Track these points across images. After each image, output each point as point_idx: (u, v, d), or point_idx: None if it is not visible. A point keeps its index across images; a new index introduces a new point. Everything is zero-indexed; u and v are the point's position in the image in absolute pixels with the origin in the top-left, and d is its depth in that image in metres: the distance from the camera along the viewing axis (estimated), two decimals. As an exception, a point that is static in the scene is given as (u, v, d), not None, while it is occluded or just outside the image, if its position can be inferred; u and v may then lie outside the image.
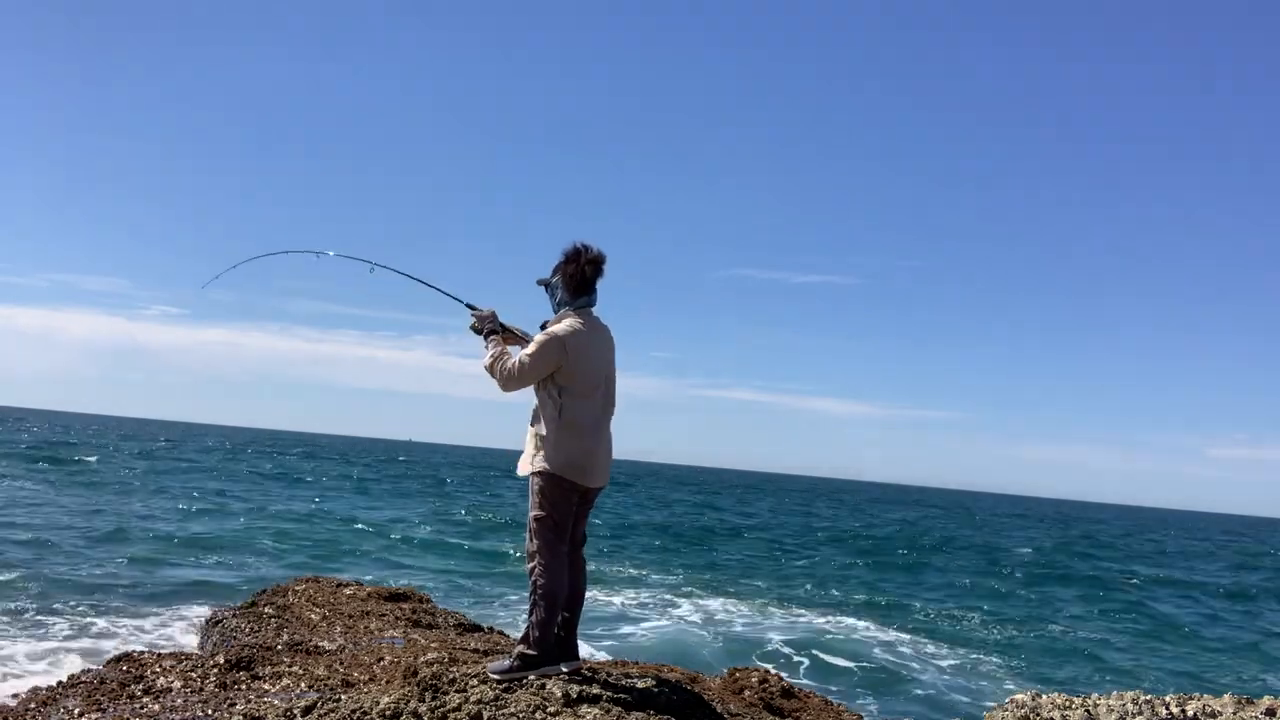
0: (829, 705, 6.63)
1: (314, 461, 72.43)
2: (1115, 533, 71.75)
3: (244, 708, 5.27)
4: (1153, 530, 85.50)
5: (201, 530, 22.62)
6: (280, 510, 29.83)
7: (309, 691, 5.79)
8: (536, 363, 4.71)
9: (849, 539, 39.30)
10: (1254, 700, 5.10)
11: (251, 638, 7.45)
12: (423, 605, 9.34)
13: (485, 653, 6.96)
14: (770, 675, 6.77)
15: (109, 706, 5.66)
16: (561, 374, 4.73)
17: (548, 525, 4.76)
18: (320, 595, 9.42)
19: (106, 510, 25.17)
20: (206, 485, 37.74)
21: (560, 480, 4.73)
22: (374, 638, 7.61)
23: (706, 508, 54.65)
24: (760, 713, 5.96)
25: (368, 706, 4.65)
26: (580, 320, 4.80)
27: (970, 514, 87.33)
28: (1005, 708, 5.51)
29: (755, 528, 41.32)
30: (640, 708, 4.51)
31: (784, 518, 51.97)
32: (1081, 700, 5.32)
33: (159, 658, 6.83)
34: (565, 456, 4.72)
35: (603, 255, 4.84)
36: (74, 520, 22.24)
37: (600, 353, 4.86)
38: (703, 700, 5.15)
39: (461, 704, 4.44)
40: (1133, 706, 5.06)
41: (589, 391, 4.79)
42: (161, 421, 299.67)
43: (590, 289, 4.86)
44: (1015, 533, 58.17)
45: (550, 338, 4.72)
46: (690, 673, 6.70)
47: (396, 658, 6.69)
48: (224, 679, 6.16)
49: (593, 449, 4.79)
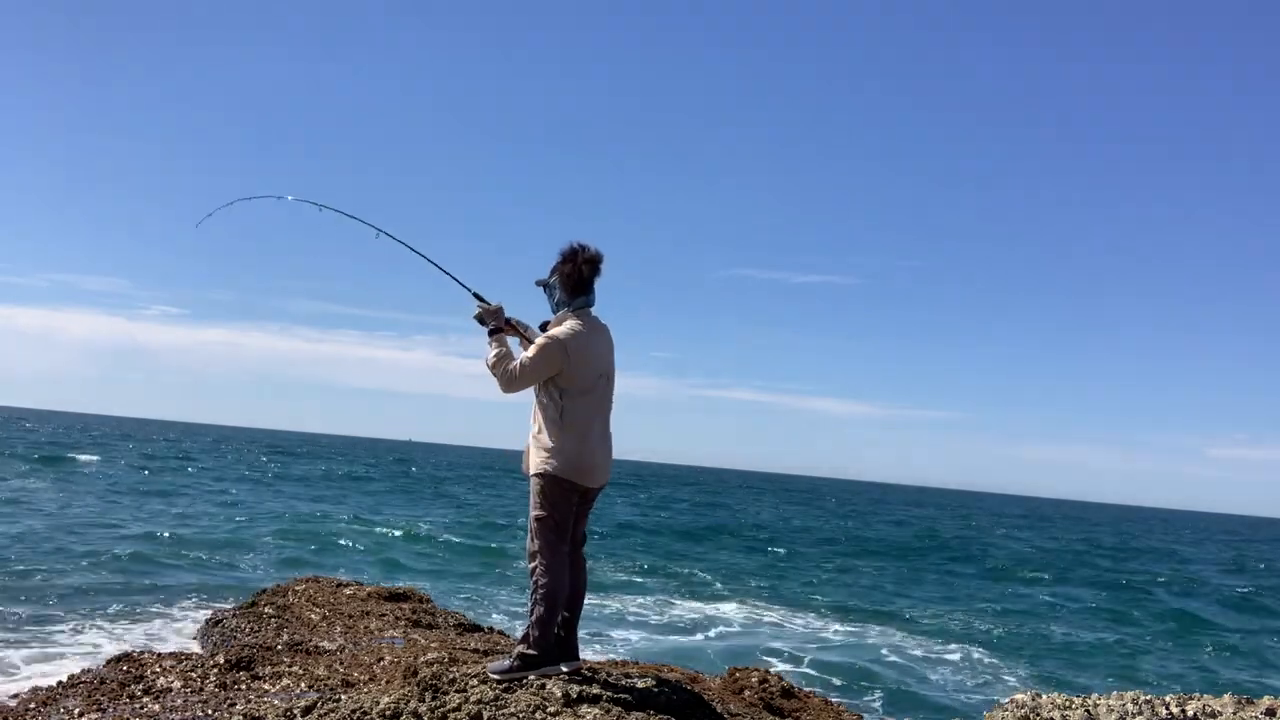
0: (829, 705, 6.63)
1: (314, 461, 72.44)
2: (1114, 532, 71.77)
3: (244, 708, 5.27)
4: (1152, 530, 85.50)
5: (201, 530, 22.61)
6: (280, 510, 29.84)
7: (309, 691, 5.79)
8: (538, 365, 4.72)
9: (849, 539, 39.30)
10: (1254, 700, 5.10)
11: (251, 638, 7.46)
12: (423, 605, 9.35)
13: (485, 653, 6.96)
14: (770, 675, 6.77)
15: (109, 706, 5.66)
16: (563, 376, 4.73)
17: (549, 525, 4.77)
18: (320, 595, 9.43)
19: (106, 510, 25.18)
20: (206, 485, 37.76)
21: (562, 481, 4.74)
22: (374, 638, 7.61)
23: (706, 508, 54.66)
24: (760, 713, 5.96)
25: (368, 706, 4.65)
26: (580, 322, 4.81)
27: (970, 514, 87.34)
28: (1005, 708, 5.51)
29: (755, 528, 41.32)
30: (640, 708, 4.51)
31: (784, 518, 51.97)
32: (1081, 700, 5.32)
33: (159, 658, 6.83)
34: (567, 458, 4.73)
35: (600, 255, 4.84)
36: (73, 521, 22.24)
37: (600, 353, 4.86)
38: (703, 700, 5.15)
39: (461, 704, 4.44)
40: (1133, 706, 5.06)
41: (589, 392, 4.79)
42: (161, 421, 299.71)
43: (588, 289, 4.86)
44: (1015, 532, 58.19)
45: (551, 341, 4.73)
46: (690, 673, 6.70)
47: (396, 658, 6.70)
48: (224, 679, 6.16)
49: (594, 449, 4.80)
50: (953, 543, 42.93)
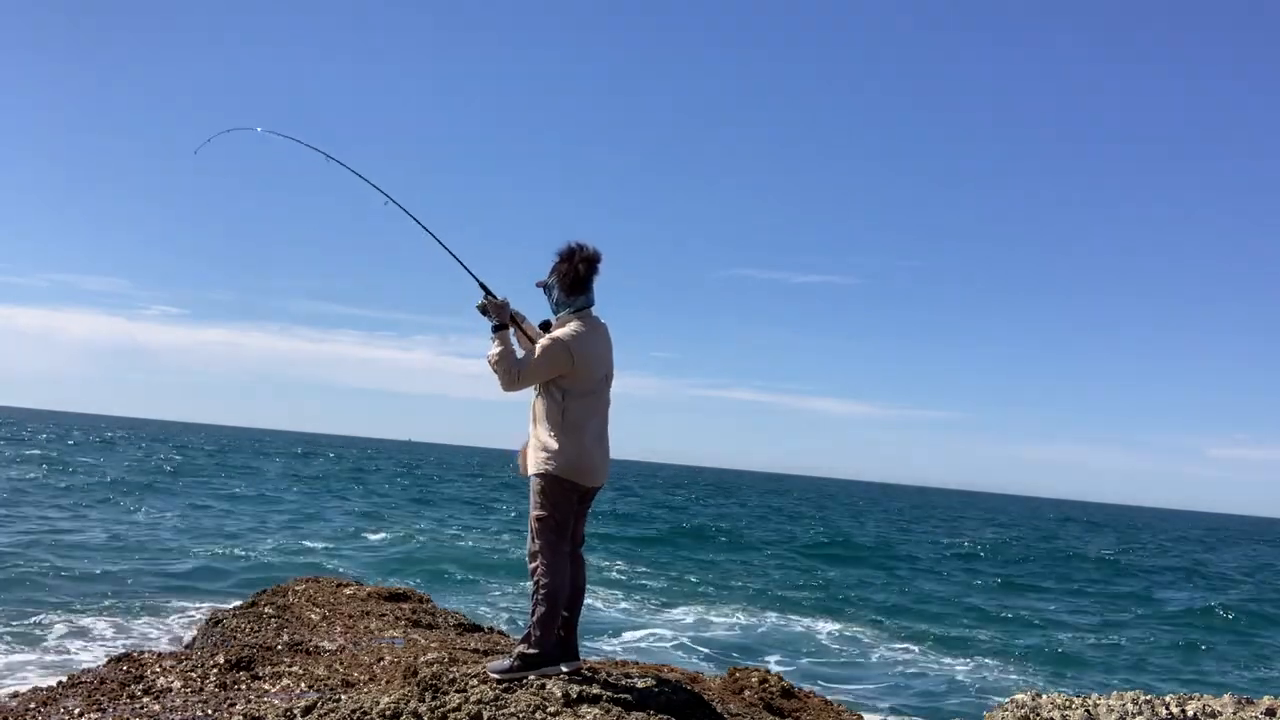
0: (829, 705, 6.62)
1: (314, 461, 72.42)
2: (1115, 532, 71.75)
3: (244, 708, 5.27)
4: (1152, 530, 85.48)
5: (201, 530, 22.62)
6: (280, 510, 29.85)
7: (309, 691, 5.79)
8: (542, 367, 4.71)
9: (848, 540, 39.28)
10: (1254, 700, 5.10)
11: (251, 638, 7.44)
12: (423, 605, 9.34)
13: (485, 653, 6.96)
14: (770, 675, 6.76)
15: (109, 706, 5.65)
16: (566, 377, 4.73)
17: (549, 525, 4.77)
18: (320, 595, 9.42)
19: (105, 510, 25.18)
20: (206, 485, 37.76)
21: (563, 481, 4.74)
22: (374, 638, 7.60)
23: (706, 509, 54.68)
24: (760, 713, 5.96)
25: (368, 706, 4.65)
26: (582, 323, 4.80)
27: (970, 514, 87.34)
28: (1005, 708, 5.51)
29: (755, 529, 41.33)
30: (640, 708, 4.51)
31: (783, 519, 51.98)
32: (1081, 700, 5.33)
33: (159, 658, 6.83)
34: (569, 458, 4.72)
35: (598, 254, 4.82)
36: (72, 521, 22.24)
37: (602, 354, 4.87)
38: (702, 700, 5.15)
39: (461, 704, 4.44)
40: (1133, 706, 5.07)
41: (591, 393, 4.79)
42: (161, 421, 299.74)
43: (585, 288, 4.84)
44: (1016, 532, 58.16)
45: (555, 343, 4.71)
46: (690, 673, 6.70)
47: (396, 658, 6.69)
48: (224, 679, 6.16)
49: (594, 450, 4.80)
50: (953, 543, 42.93)
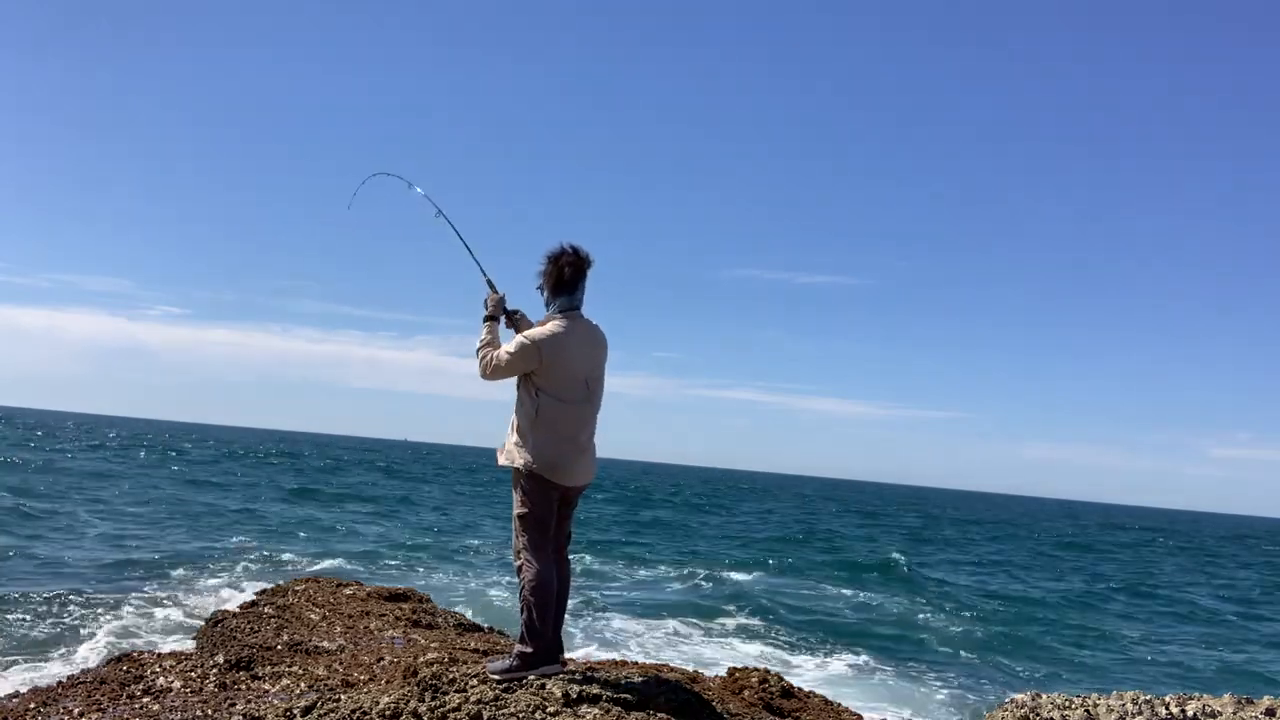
0: (829, 705, 6.61)
1: (314, 461, 72.41)
2: (1111, 532, 71.74)
3: (244, 708, 5.27)
4: (1153, 530, 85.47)
5: (200, 530, 22.62)
6: (281, 510, 29.85)
7: (309, 691, 5.79)
8: (513, 362, 4.82)
9: (849, 540, 39.28)
10: (1254, 700, 5.10)
11: (251, 638, 7.44)
12: (423, 605, 9.34)
13: (485, 652, 6.96)
14: (770, 675, 6.75)
15: (109, 706, 5.65)
16: (538, 375, 4.81)
17: (529, 521, 4.84)
18: (320, 595, 9.42)
19: (105, 510, 25.17)
20: (206, 485, 37.75)
21: (534, 475, 4.80)
22: (374, 638, 7.61)
23: (706, 509, 54.67)
24: (760, 713, 5.95)
25: (368, 706, 4.65)
26: (563, 324, 4.86)
27: (969, 514, 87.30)
28: (1005, 708, 5.51)
29: (755, 529, 41.33)
30: (640, 708, 4.51)
31: (784, 519, 51.98)
32: (1081, 700, 5.32)
33: (159, 657, 6.83)
34: (540, 455, 4.79)
35: (584, 257, 4.89)
36: (72, 520, 22.25)
37: (582, 354, 4.88)
38: (702, 700, 5.15)
39: (461, 704, 4.44)
40: (1132, 706, 5.07)
41: (566, 393, 4.83)
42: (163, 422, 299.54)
43: (570, 289, 4.89)
44: (1015, 531, 58.16)
45: (527, 340, 4.81)
46: (690, 672, 6.69)
47: (396, 658, 6.69)
48: (224, 679, 6.16)
49: (568, 449, 4.84)
50: (954, 543, 42.92)
